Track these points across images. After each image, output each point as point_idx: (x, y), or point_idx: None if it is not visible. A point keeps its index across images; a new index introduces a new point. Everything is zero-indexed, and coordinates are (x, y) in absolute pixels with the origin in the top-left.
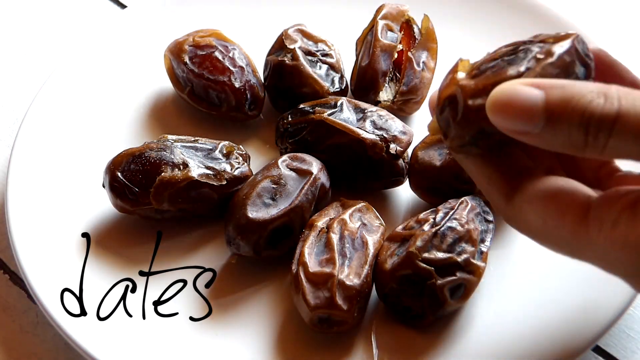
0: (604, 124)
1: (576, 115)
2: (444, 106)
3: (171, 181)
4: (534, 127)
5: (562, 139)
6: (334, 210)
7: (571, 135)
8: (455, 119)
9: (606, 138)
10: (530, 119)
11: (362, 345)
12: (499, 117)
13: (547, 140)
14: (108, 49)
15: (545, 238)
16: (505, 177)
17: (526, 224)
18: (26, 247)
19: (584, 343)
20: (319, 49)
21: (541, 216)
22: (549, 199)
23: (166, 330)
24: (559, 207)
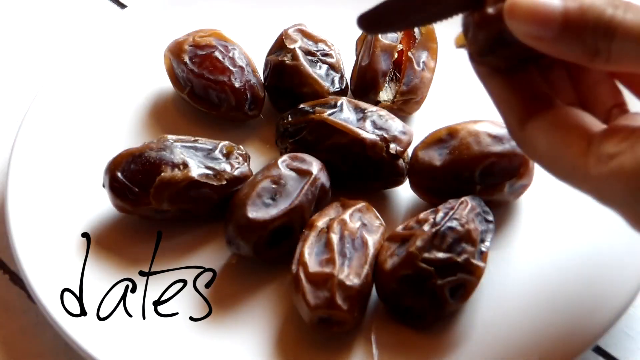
0: (610, 30)
1: (590, 22)
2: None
3: (171, 181)
4: (550, 32)
5: (575, 46)
6: (334, 210)
7: (585, 41)
8: (476, 20)
9: (610, 42)
10: (547, 24)
11: (362, 345)
12: (516, 21)
13: (560, 47)
14: (108, 49)
15: (549, 165)
16: (523, 102)
17: (534, 149)
18: (26, 247)
19: (584, 343)
20: (319, 49)
21: (548, 143)
22: (558, 128)
23: (166, 330)
24: (566, 137)
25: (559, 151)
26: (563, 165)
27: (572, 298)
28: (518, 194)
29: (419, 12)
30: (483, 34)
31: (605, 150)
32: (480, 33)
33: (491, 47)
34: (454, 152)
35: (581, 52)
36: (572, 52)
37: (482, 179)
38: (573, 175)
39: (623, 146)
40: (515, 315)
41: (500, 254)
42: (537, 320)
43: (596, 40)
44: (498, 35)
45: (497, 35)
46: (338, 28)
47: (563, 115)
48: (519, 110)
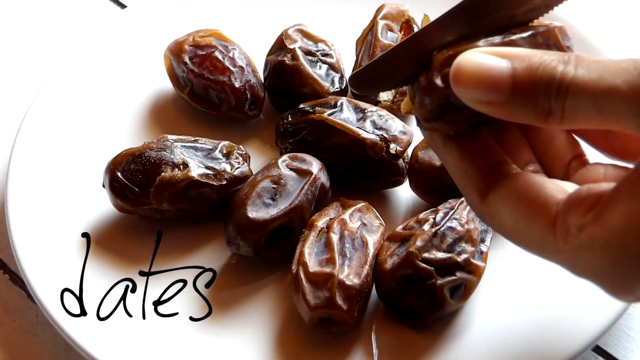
0: (562, 88)
1: (541, 82)
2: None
3: (171, 181)
4: (500, 97)
5: (527, 108)
6: (334, 210)
7: (537, 102)
8: (421, 85)
9: (563, 101)
10: (497, 89)
11: (362, 345)
12: (463, 88)
13: (512, 111)
14: (108, 49)
15: (517, 239)
16: (481, 173)
17: (499, 223)
18: (26, 247)
19: (584, 343)
20: (319, 49)
21: (513, 218)
22: (521, 201)
23: (166, 330)
24: (530, 210)
25: (524, 226)
26: (530, 239)
27: (572, 298)
28: None
29: (403, 73)
30: (430, 99)
31: (573, 223)
32: (426, 98)
33: (439, 112)
34: None
35: (534, 113)
36: (525, 115)
37: None
38: (542, 248)
39: (590, 217)
40: (515, 315)
41: (500, 254)
42: (537, 320)
43: (549, 100)
44: (445, 100)
45: (445, 100)
46: (338, 28)
47: (523, 186)
48: (477, 182)
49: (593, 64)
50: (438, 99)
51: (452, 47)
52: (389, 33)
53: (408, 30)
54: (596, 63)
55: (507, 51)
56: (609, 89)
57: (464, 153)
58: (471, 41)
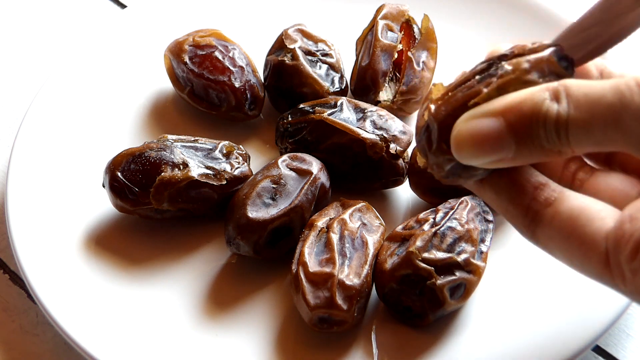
0: (561, 129)
1: (541, 131)
2: (421, 135)
3: (171, 181)
4: (507, 153)
5: (537, 154)
6: (334, 210)
7: (544, 147)
8: (432, 149)
9: (567, 139)
10: (501, 149)
11: (362, 345)
12: (469, 158)
13: (524, 159)
14: (108, 49)
15: (575, 270)
16: (521, 207)
17: (556, 257)
18: (26, 247)
19: (584, 343)
20: (319, 48)
21: (566, 256)
22: (568, 241)
23: (166, 330)
24: (580, 250)
25: (579, 264)
26: (590, 274)
27: (572, 298)
28: None
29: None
30: (443, 161)
31: (626, 267)
32: (439, 160)
33: (455, 171)
34: None
35: (545, 156)
36: (538, 159)
37: None
38: (603, 281)
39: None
40: (515, 315)
41: (500, 254)
42: (537, 320)
43: (554, 142)
44: (457, 163)
45: (457, 164)
46: (338, 28)
47: (567, 221)
48: (523, 219)
49: (582, 97)
50: (450, 161)
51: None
52: (389, 33)
53: (408, 30)
54: (585, 96)
55: (496, 108)
56: (603, 122)
57: (498, 193)
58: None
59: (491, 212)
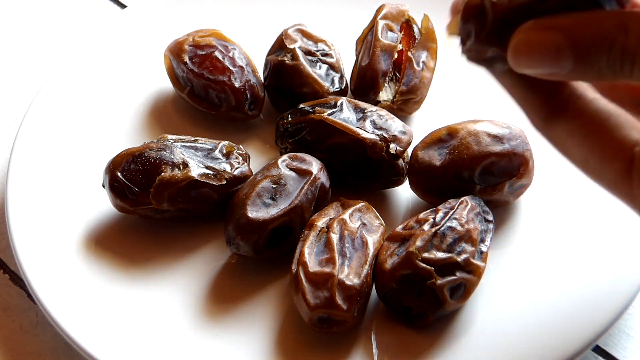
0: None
1: (603, 53)
2: (469, 16)
3: (171, 181)
4: (563, 70)
5: (592, 76)
6: (334, 210)
7: (601, 71)
8: (479, 35)
9: (630, 70)
10: (558, 64)
11: (362, 345)
12: (525, 67)
13: (577, 77)
14: (108, 49)
15: (586, 173)
16: (543, 95)
17: (569, 154)
18: (26, 247)
19: (584, 343)
20: (319, 48)
21: (583, 154)
22: (592, 138)
23: (166, 330)
24: (603, 151)
25: (596, 165)
26: (602, 178)
27: (572, 298)
28: (518, 194)
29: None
30: (487, 48)
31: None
32: (483, 47)
33: (492, 59)
34: (454, 152)
35: (599, 77)
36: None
37: (482, 178)
38: (615, 190)
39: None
40: (515, 315)
41: (500, 254)
42: (537, 320)
43: (613, 69)
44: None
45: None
46: (338, 28)
47: (594, 120)
48: (541, 107)
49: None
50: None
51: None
52: (389, 33)
53: (408, 30)
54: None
55: (563, 24)
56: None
57: (520, 79)
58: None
59: (491, 212)
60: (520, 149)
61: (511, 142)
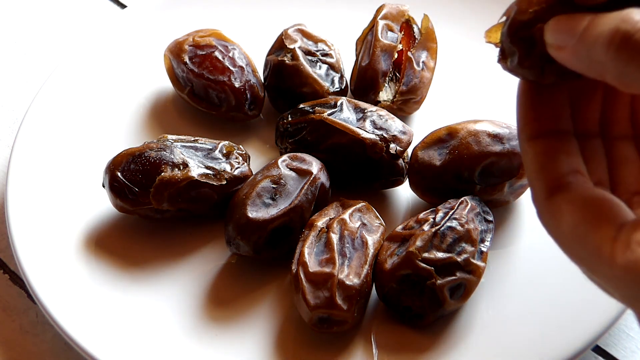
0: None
1: (612, 22)
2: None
3: (171, 181)
4: (571, 39)
5: (588, 50)
6: (334, 210)
7: (597, 42)
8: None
9: (630, 57)
10: (571, 31)
11: (362, 345)
12: (548, 33)
13: (577, 54)
14: (108, 49)
15: (570, 244)
16: (556, 172)
17: (557, 224)
18: (26, 247)
19: (584, 343)
20: (319, 48)
21: (575, 221)
22: (587, 207)
23: (166, 330)
24: (596, 217)
25: (584, 231)
26: (586, 247)
27: (572, 298)
28: (518, 194)
29: None
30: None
31: (637, 239)
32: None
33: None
34: (454, 152)
35: (590, 62)
36: (586, 62)
37: (482, 178)
38: (595, 259)
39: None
40: (515, 315)
41: (500, 254)
42: (537, 320)
43: (607, 52)
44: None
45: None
46: (338, 28)
47: (594, 195)
48: (551, 180)
49: None
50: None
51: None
52: (389, 33)
53: (408, 30)
54: None
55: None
56: None
57: (549, 149)
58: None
59: (491, 212)
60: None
61: (511, 142)
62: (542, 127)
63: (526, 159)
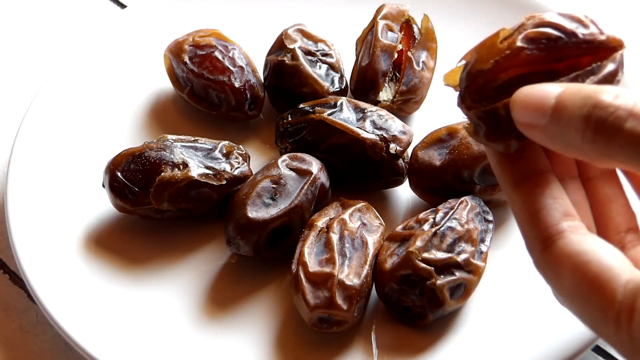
0: (608, 125)
1: (584, 107)
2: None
3: (171, 181)
4: (542, 119)
5: (562, 132)
6: (334, 210)
7: (571, 127)
8: (490, 136)
9: (607, 140)
10: (540, 110)
11: (362, 345)
12: (516, 109)
13: (550, 135)
14: (108, 49)
15: (571, 301)
16: (548, 220)
17: (557, 279)
18: (26, 247)
19: (584, 343)
20: (319, 48)
21: (577, 280)
22: (589, 265)
23: (166, 330)
24: (598, 278)
25: (587, 292)
26: (590, 309)
27: None
28: None
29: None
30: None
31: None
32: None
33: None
34: (454, 152)
35: (567, 141)
36: (562, 140)
37: (482, 178)
38: (600, 324)
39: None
40: (515, 315)
41: (500, 254)
42: (537, 320)
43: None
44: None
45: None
46: (338, 28)
47: (591, 253)
48: (544, 230)
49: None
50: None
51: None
52: (389, 33)
53: (408, 30)
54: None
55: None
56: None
57: (535, 194)
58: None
59: (491, 212)
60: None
61: None
62: (523, 170)
63: (515, 209)
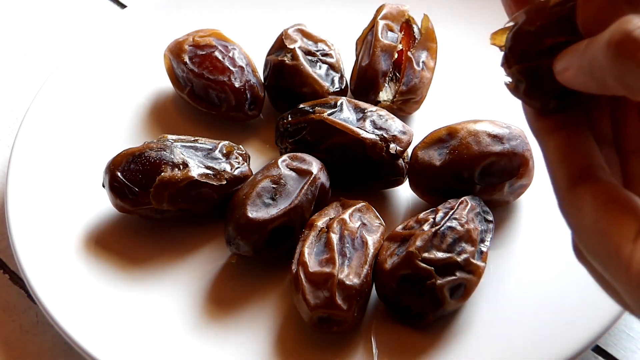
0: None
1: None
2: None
3: (171, 181)
4: (574, 58)
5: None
6: (334, 210)
7: (596, 57)
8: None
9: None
10: (574, 51)
11: (362, 345)
12: (558, 61)
13: (580, 70)
14: (108, 49)
15: (589, 238)
16: (581, 162)
17: (578, 215)
18: (26, 247)
19: (584, 343)
20: (319, 48)
21: (597, 214)
22: (614, 203)
23: (166, 330)
24: (620, 215)
25: (606, 227)
26: (605, 245)
27: (572, 298)
28: (518, 194)
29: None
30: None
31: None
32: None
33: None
34: (454, 152)
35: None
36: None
37: (482, 178)
38: (613, 259)
39: None
40: (515, 315)
41: (500, 254)
42: (537, 320)
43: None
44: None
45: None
46: (338, 28)
47: (621, 193)
48: (575, 168)
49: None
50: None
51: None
52: (389, 33)
53: (408, 30)
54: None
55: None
56: None
57: (571, 139)
58: None
59: (491, 212)
60: (520, 149)
61: (511, 142)
62: (560, 121)
63: (547, 151)
